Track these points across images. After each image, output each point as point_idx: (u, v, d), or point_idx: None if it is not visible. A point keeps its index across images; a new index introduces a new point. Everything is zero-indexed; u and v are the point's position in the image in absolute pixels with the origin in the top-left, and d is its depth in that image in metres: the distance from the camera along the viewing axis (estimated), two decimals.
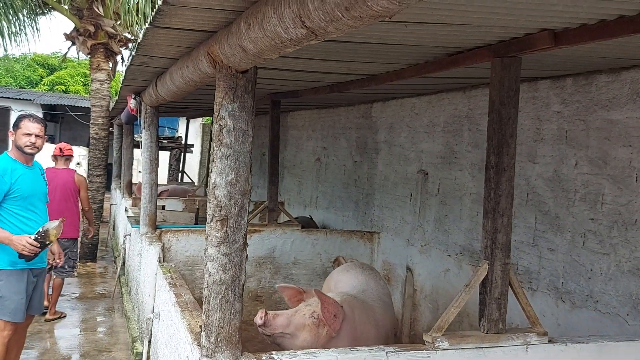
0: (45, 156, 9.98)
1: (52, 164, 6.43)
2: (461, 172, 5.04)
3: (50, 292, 6.16)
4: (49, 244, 3.64)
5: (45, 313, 5.94)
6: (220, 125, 2.37)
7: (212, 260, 2.37)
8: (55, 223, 3.65)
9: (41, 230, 3.58)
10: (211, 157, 2.42)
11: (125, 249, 7.44)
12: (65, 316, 6.25)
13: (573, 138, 3.87)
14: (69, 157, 6.49)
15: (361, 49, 3.03)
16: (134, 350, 4.95)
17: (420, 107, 5.74)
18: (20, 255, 3.56)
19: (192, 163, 17.46)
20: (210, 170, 2.43)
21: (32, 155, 4.00)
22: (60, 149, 6.44)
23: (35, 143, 3.91)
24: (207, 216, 2.42)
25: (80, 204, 6.42)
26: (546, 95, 4.11)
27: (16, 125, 3.96)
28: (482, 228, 2.87)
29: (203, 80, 2.93)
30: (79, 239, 6.71)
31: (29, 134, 3.88)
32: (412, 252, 5.68)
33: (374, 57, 3.31)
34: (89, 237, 7.25)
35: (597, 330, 3.56)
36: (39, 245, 3.56)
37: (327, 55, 3.30)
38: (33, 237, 3.57)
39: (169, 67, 3.72)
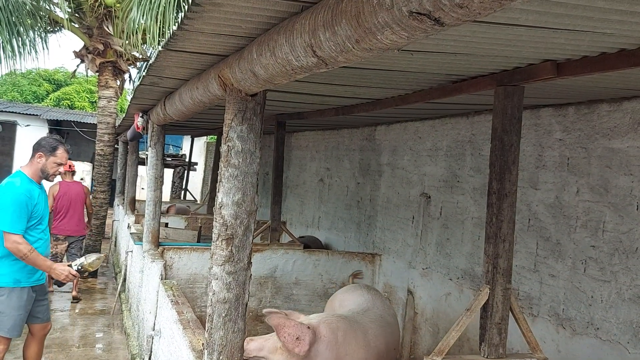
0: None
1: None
2: (463, 196, 5.08)
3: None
4: (86, 275, 3.78)
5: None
6: (228, 146, 2.42)
7: (217, 279, 2.40)
8: (93, 257, 3.80)
9: (84, 261, 3.76)
10: (219, 177, 2.47)
11: (126, 266, 7.46)
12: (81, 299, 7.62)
13: (575, 165, 3.92)
14: (74, 173, 8.06)
15: (367, 75, 3.10)
16: None
17: (424, 131, 5.81)
18: (58, 282, 3.75)
19: (195, 181, 17.52)
20: (217, 190, 2.47)
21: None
22: (70, 166, 7.89)
23: (61, 172, 4.08)
24: (213, 235, 2.46)
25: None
26: (548, 122, 4.17)
27: (51, 152, 3.93)
28: (484, 253, 2.90)
29: (212, 101, 2.99)
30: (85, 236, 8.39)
31: (61, 164, 3.96)
32: (414, 275, 5.69)
33: (379, 82, 3.38)
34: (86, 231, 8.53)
35: (597, 357, 3.56)
36: (79, 275, 3.77)
37: (333, 79, 3.37)
38: (75, 268, 3.75)
39: (178, 87, 3.79)
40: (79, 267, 3.75)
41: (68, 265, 3.76)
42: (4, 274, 3.73)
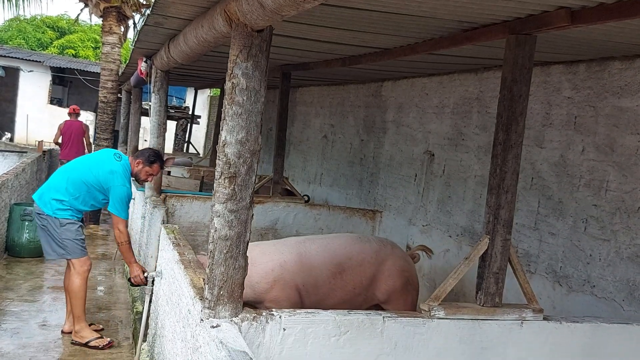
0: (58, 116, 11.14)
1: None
2: (467, 155, 5.05)
3: None
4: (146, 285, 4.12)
5: None
6: (233, 83, 2.38)
7: (219, 216, 2.41)
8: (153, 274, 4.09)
9: (153, 275, 4.08)
10: (222, 115, 2.45)
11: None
12: None
13: (581, 124, 3.88)
14: (79, 114, 10.12)
15: (375, 18, 3.03)
16: (134, 309, 5.03)
17: (431, 87, 5.73)
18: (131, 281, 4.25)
19: (198, 135, 17.48)
20: (221, 128, 2.45)
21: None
22: (74, 109, 10.07)
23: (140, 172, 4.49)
24: (216, 173, 2.45)
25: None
26: (558, 80, 4.11)
27: (150, 163, 4.43)
28: (486, 204, 2.90)
29: (217, 40, 2.93)
30: None
31: (153, 175, 4.54)
32: (413, 231, 5.72)
33: (388, 28, 3.30)
34: None
35: (592, 314, 3.61)
36: (145, 282, 4.14)
37: (341, 24, 3.30)
38: (145, 275, 4.13)
39: (183, 28, 3.72)
40: (147, 277, 4.08)
41: (143, 271, 4.19)
42: (66, 209, 4.30)
